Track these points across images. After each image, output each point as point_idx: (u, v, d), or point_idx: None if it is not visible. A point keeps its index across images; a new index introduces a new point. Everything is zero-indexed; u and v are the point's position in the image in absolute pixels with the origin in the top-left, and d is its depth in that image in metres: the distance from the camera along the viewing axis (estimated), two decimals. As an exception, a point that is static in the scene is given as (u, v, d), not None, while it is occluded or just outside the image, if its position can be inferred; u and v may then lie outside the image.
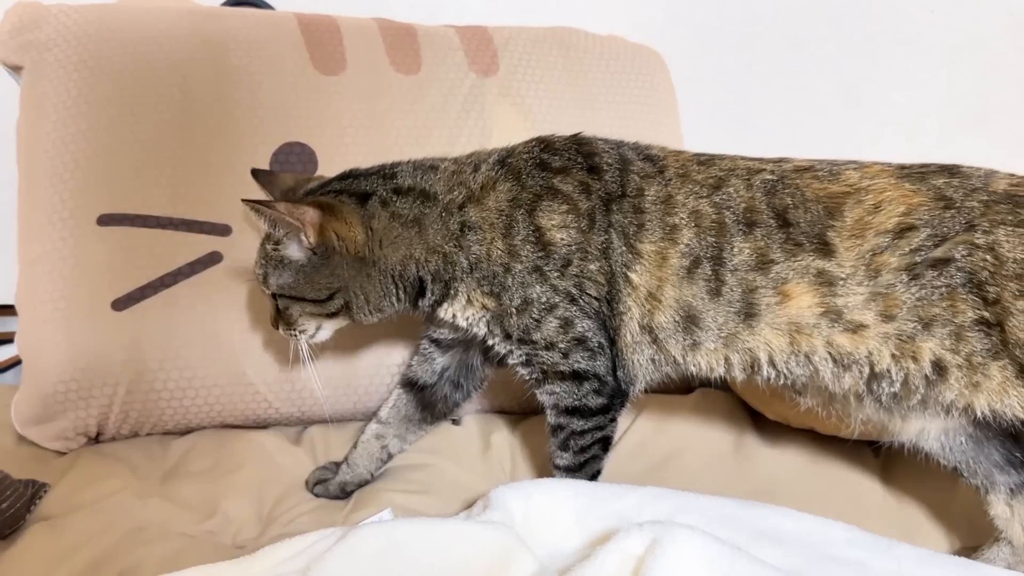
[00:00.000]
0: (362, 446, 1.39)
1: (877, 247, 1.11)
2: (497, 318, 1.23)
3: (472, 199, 1.21)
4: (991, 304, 1.08)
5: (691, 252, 1.16)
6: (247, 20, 1.56)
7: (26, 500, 1.25)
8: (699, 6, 1.89)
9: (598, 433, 1.26)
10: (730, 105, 1.96)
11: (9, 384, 1.78)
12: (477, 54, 1.63)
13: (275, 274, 1.22)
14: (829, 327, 1.13)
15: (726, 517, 1.13)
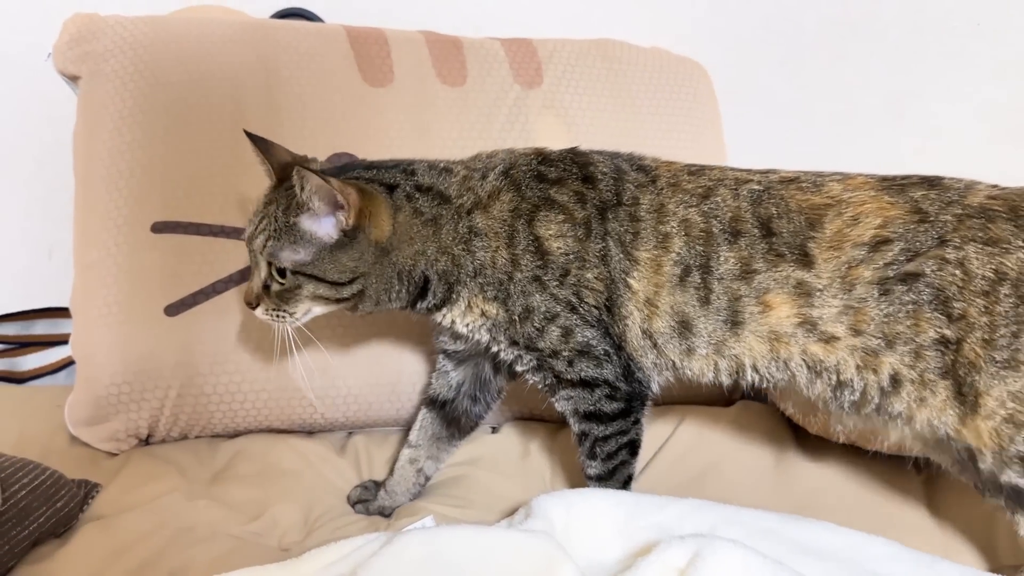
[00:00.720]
0: (398, 472, 1.41)
1: (853, 259, 1.13)
2: (499, 326, 1.24)
3: (479, 206, 1.22)
4: (955, 321, 1.10)
5: (682, 260, 1.18)
6: (298, 32, 1.59)
7: (79, 500, 1.28)
8: (743, 19, 1.89)
9: (622, 438, 1.26)
10: (773, 118, 1.96)
11: (61, 385, 1.83)
12: (522, 66, 1.65)
13: (291, 249, 1.16)
14: (805, 336, 1.16)
15: (767, 531, 1.13)
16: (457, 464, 1.49)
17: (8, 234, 2.02)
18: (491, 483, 1.44)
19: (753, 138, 1.91)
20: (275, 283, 1.19)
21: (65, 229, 1.87)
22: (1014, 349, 1.09)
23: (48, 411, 1.56)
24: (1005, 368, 1.09)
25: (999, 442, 1.11)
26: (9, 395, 1.70)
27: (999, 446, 1.11)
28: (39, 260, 2.03)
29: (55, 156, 1.89)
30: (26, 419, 1.54)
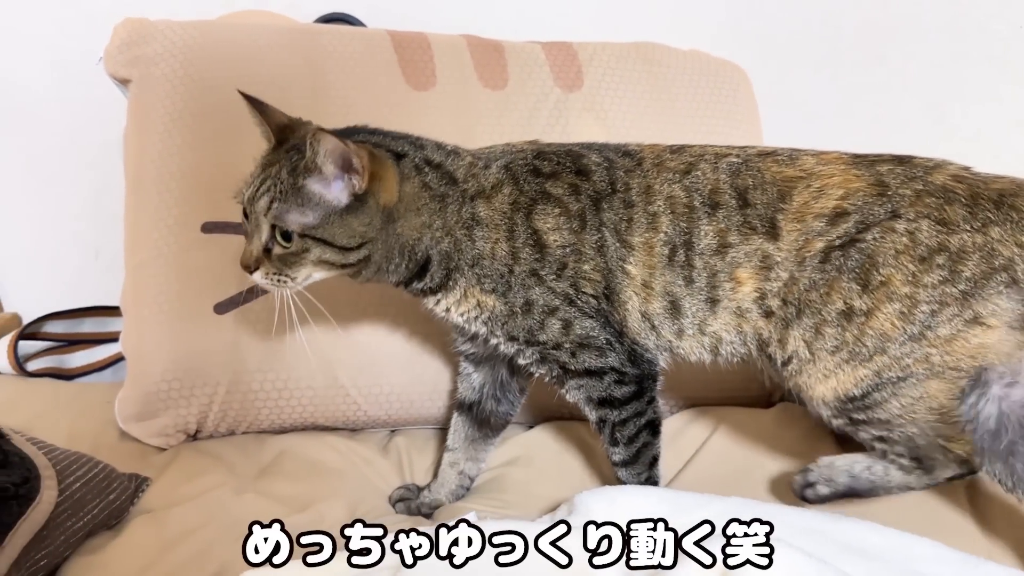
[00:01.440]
0: (442, 476, 1.43)
1: (811, 231, 1.14)
2: (496, 319, 1.24)
3: (482, 195, 1.22)
4: (872, 290, 1.10)
5: (670, 240, 1.20)
6: (342, 37, 1.62)
7: (130, 493, 1.31)
8: (782, 21, 1.89)
9: (640, 419, 1.27)
10: (813, 120, 1.96)
11: (108, 382, 1.87)
12: (562, 70, 1.66)
13: (298, 212, 1.12)
14: (758, 311, 1.18)
15: (810, 530, 1.13)
16: (493, 467, 1.51)
17: (57, 235, 2.08)
18: (528, 482, 1.46)
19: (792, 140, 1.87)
20: (278, 246, 1.15)
21: (112, 230, 1.91)
22: (926, 326, 1.09)
23: (97, 407, 1.59)
24: (912, 340, 1.10)
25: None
26: (59, 391, 1.73)
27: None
28: (87, 260, 2.08)
29: (103, 159, 1.95)
30: (76, 415, 1.57)
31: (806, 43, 1.92)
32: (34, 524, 1.08)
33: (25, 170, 2.03)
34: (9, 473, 1.08)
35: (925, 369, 1.12)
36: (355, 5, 1.89)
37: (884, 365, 1.13)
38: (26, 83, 1.96)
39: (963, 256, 1.08)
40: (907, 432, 1.18)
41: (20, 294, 2.14)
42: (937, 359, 1.11)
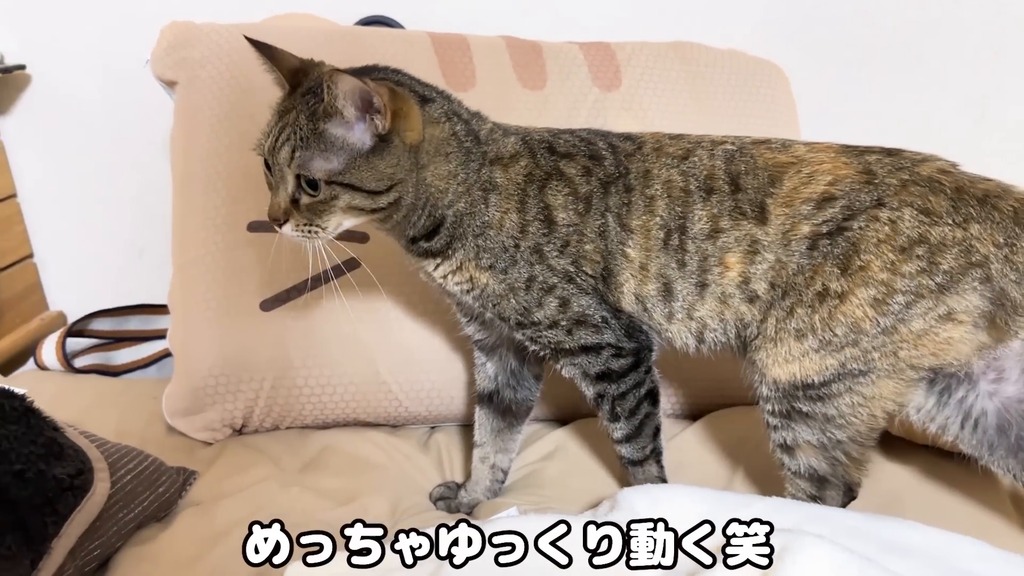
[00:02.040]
0: (474, 473, 1.44)
1: (798, 214, 1.14)
2: (489, 297, 1.23)
3: (500, 161, 1.21)
4: (850, 274, 1.11)
5: (665, 224, 1.20)
6: (384, 39, 1.64)
7: (179, 486, 1.34)
8: (820, 20, 1.88)
9: (640, 390, 1.27)
10: (851, 119, 1.94)
11: (153, 378, 1.91)
12: (600, 69, 1.67)
13: (322, 158, 1.08)
14: (740, 297, 1.19)
15: (853, 529, 1.13)
16: (529, 463, 1.52)
17: (102, 235, 2.12)
18: (565, 477, 1.47)
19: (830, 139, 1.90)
20: (305, 196, 1.10)
21: (155, 230, 1.96)
22: (900, 319, 1.10)
23: (144, 402, 1.63)
24: (884, 333, 1.11)
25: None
26: (106, 387, 1.77)
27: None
28: (131, 260, 2.13)
29: (147, 160, 1.99)
30: (124, 410, 1.60)
31: (844, 42, 1.91)
32: (88, 515, 1.10)
33: (71, 171, 2.08)
34: (65, 465, 1.10)
35: (888, 365, 1.13)
36: (394, 8, 1.91)
37: (851, 356, 1.14)
38: (73, 86, 2.00)
39: (942, 249, 1.09)
40: (836, 438, 1.19)
41: (65, 293, 2.19)
42: (904, 354, 1.12)
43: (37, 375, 1.83)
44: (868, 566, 1.03)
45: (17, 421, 1.09)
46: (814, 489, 1.23)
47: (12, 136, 2.05)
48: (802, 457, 1.21)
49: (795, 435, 1.20)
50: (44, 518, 1.04)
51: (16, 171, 2.07)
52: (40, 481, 1.05)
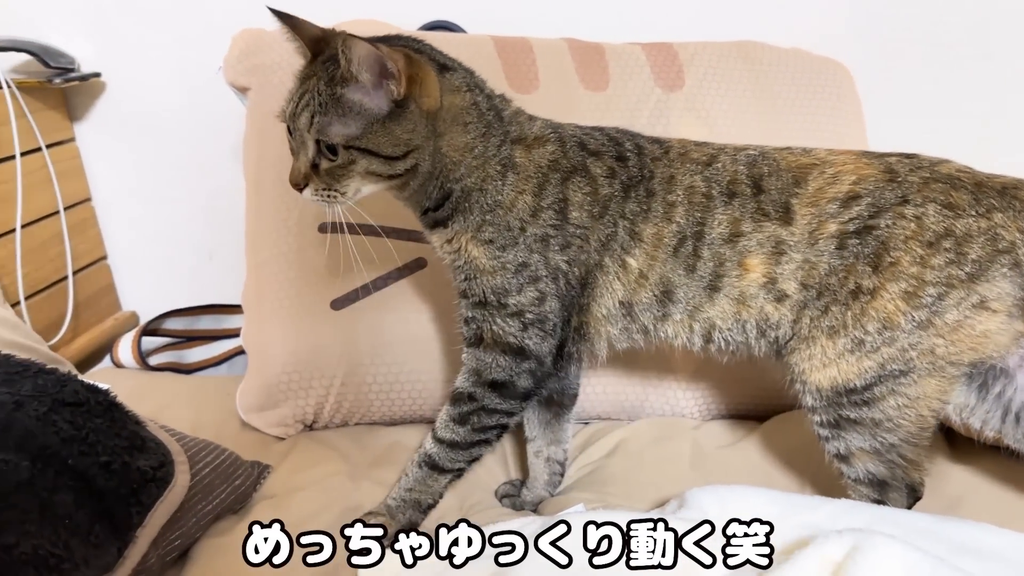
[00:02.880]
0: (532, 470, 1.45)
1: (825, 214, 1.15)
2: (471, 271, 1.20)
3: (523, 142, 1.20)
4: (881, 271, 1.11)
5: (680, 230, 1.20)
6: (448, 44, 1.62)
7: (253, 479, 1.37)
8: (886, 18, 1.86)
9: (505, 418, 1.25)
10: (919, 117, 1.91)
11: (224, 376, 1.96)
12: (663, 70, 1.67)
13: (340, 123, 1.08)
14: (764, 297, 1.18)
15: (923, 531, 1.13)
16: (593, 460, 1.53)
17: (174, 238, 2.17)
18: (628, 473, 1.47)
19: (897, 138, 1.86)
20: (325, 160, 1.11)
21: (224, 233, 2.01)
22: (934, 311, 1.10)
23: (217, 399, 1.67)
24: (920, 328, 1.11)
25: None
26: (180, 384, 1.82)
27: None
28: (201, 262, 2.17)
29: (217, 165, 2.03)
30: (198, 406, 1.65)
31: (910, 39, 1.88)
32: (171, 506, 1.14)
33: (143, 176, 2.12)
34: (147, 457, 1.13)
35: (928, 363, 1.13)
36: (457, 13, 1.92)
37: (890, 356, 1.14)
38: (146, 93, 2.05)
39: (968, 239, 1.10)
40: (888, 442, 1.18)
41: (138, 294, 2.24)
42: (942, 350, 1.13)
43: (114, 372, 1.90)
44: (940, 565, 1.03)
45: (102, 415, 1.13)
46: (876, 494, 1.23)
47: (87, 142, 2.10)
48: (859, 464, 1.21)
49: (847, 443, 1.20)
50: (129, 508, 1.08)
51: (91, 176, 2.12)
52: (125, 472, 1.09)
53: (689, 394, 1.63)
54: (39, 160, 1.90)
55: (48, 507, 0.99)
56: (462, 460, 1.26)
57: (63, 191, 1.96)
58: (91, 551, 1.01)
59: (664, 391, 1.63)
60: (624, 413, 1.65)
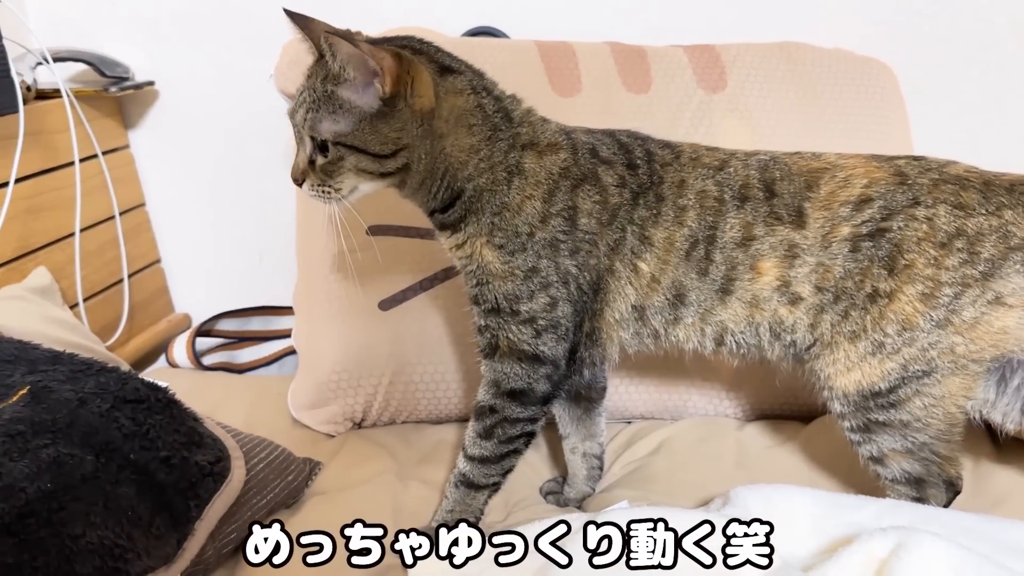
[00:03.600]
0: (570, 468, 1.46)
1: (837, 217, 1.15)
2: (484, 275, 1.19)
3: (534, 146, 1.19)
4: (896, 274, 1.12)
5: (692, 234, 1.19)
6: (492, 49, 1.68)
7: (305, 475, 1.40)
8: (929, 18, 1.85)
9: (529, 425, 1.25)
10: (963, 117, 1.90)
11: (275, 375, 2.00)
12: (705, 72, 1.68)
13: (330, 120, 1.10)
14: (778, 300, 1.18)
15: (968, 530, 1.13)
16: (637, 458, 1.54)
17: (225, 242, 2.22)
18: (672, 472, 1.48)
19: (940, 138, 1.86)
20: (320, 157, 1.13)
21: (274, 237, 2.05)
22: (951, 310, 1.11)
23: (269, 397, 1.72)
24: (938, 327, 1.12)
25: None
26: (233, 384, 1.86)
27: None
28: (251, 265, 2.22)
29: (266, 170, 2.07)
30: (251, 404, 1.69)
31: (955, 38, 1.87)
32: (227, 499, 1.17)
33: (195, 182, 2.18)
34: (205, 453, 1.17)
35: (950, 362, 1.14)
36: (500, 18, 1.94)
37: (911, 357, 1.14)
38: (198, 101, 2.10)
39: (980, 238, 1.12)
40: (919, 441, 1.19)
41: (190, 296, 2.30)
42: (962, 348, 1.13)
43: (169, 372, 1.95)
44: (985, 563, 1.03)
45: (161, 412, 1.16)
46: (915, 492, 1.23)
47: (141, 148, 2.16)
48: (893, 464, 1.22)
49: (879, 446, 1.21)
50: (188, 501, 1.11)
51: (145, 181, 2.18)
52: (184, 467, 1.12)
53: (732, 394, 1.64)
54: (95, 167, 1.96)
55: (111, 499, 1.02)
56: (496, 474, 1.27)
57: (118, 197, 2.02)
58: (152, 542, 1.04)
59: (707, 391, 1.64)
60: (667, 413, 1.66)
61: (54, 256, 1.84)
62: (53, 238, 1.85)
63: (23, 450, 1.01)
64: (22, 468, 0.98)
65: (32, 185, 1.78)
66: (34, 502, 0.95)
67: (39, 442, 1.03)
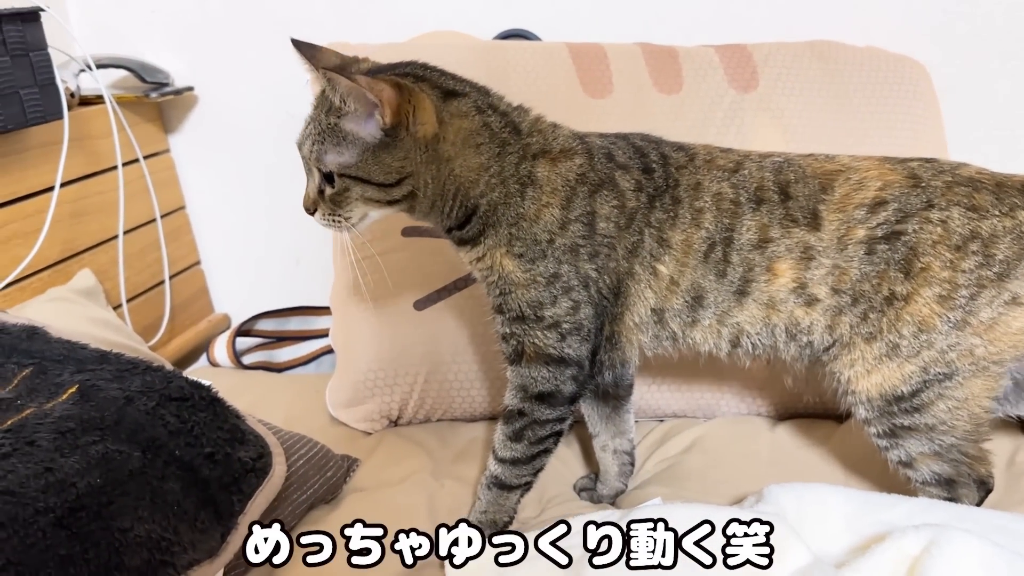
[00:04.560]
0: (602, 465, 1.47)
1: (853, 219, 1.16)
2: (507, 285, 1.20)
3: (547, 155, 1.20)
4: (912, 276, 1.13)
5: (710, 236, 1.20)
6: (525, 51, 1.70)
7: (343, 472, 1.44)
8: (961, 15, 1.84)
9: (558, 425, 1.26)
10: (997, 114, 1.88)
11: (312, 374, 2.04)
12: (737, 71, 1.69)
13: (335, 152, 1.11)
14: (794, 301, 1.19)
15: (1000, 528, 1.13)
16: (670, 456, 1.56)
17: (264, 244, 2.27)
18: (705, 471, 1.49)
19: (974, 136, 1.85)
20: (328, 187, 1.15)
21: (310, 240, 2.08)
22: (967, 311, 1.12)
23: (307, 396, 1.75)
24: (956, 328, 1.13)
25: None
26: (272, 382, 1.91)
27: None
28: (288, 267, 2.26)
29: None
30: (290, 402, 1.73)
31: (988, 36, 1.85)
32: (269, 495, 1.20)
33: (234, 185, 2.23)
34: (247, 449, 1.20)
35: (970, 364, 1.15)
36: (532, 21, 1.96)
37: (930, 360, 1.15)
38: (237, 105, 2.15)
39: (995, 240, 1.13)
40: (946, 443, 1.19)
41: (230, 297, 2.36)
42: (981, 351, 1.14)
43: (211, 371, 1.99)
44: (1017, 559, 1.04)
45: (205, 409, 1.19)
46: (947, 493, 1.23)
47: (181, 153, 2.21)
48: (923, 467, 1.23)
49: (906, 450, 1.22)
50: (231, 496, 1.14)
51: (185, 185, 2.24)
52: (227, 463, 1.15)
53: (765, 393, 1.65)
54: (137, 171, 2.01)
55: (158, 494, 1.05)
56: (527, 474, 1.28)
57: (159, 200, 2.07)
58: (197, 536, 1.07)
59: (739, 391, 1.65)
60: (700, 411, 1.67)
61: (98, 258, 1.90)
62: (97, 241, 1.91)
63: (73, 446, 1.04)
64: (72, 464, 1.02)
65: (76, 189, 1.84)
66: (84, 496, 0.98)
67: (88, 439, 1.06)
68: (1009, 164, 1.25)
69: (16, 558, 0.89)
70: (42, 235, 1.68)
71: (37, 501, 0.95)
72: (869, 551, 1.10)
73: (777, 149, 1.32)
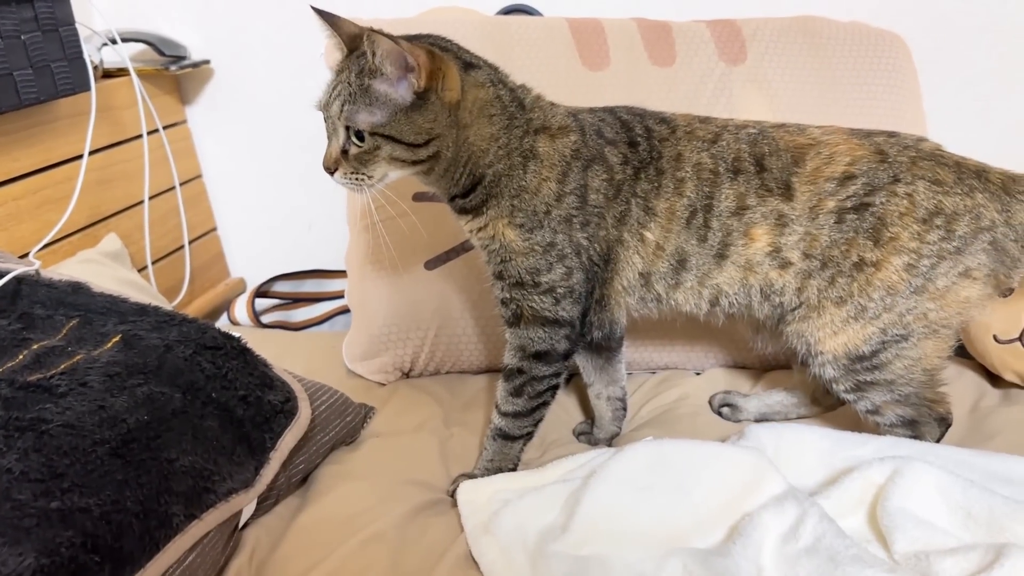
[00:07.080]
0: (597, 412, 1.56)
1: (823, 191, 1.26)
2: (507, 253, 1.28)
3: (546, 131, 1.28)
4: (882, 245, 1.25)
5: (691, 204, 1.30)
6: (526, 26, 1.78)
7: (361, 418, 1.53)
8: (942, -9, 1.92)
9: (554, 380, 1.36)
10: (973, 86, 1.97)
11: (327, 332, 2.15)
12: (726, 45, 1.76)
13: (367, 111, 1.16)
14: (769, 264, 1.29)
15: (960, 462, 1.24)
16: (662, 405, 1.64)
17: (277, 211, 2.36)
18: (694, 417, 1.59)
19: (952, 107, 1.93)
20: (353, 146, 1.19)
21: (322, 206, 2.17)
22: (927, 279, 1.24)
23: (324, 352, 1.86)
24: (915, 293, 1.25)
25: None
26: (290, 340, 2.02)
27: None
28: (301, 232, 2.35)
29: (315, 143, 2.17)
30: (308, 358, 1.82)
31: (966, 10, 1.92)
32: (297, 434, 1.30)
33: (249, 154, 2.31)
34: (276, 393, 1.31)
35: (923, 327, 1.27)
36: (533, -5, 2.04)
37: (889, 322, 1.27)
38: (251, 77, 2.23)
39: (956, 217, 1.24)
40: (906, 392, 1.32)
41: (245, 262, 2.46)
42: (934, 315, 1.26)
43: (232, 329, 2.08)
44: (970, 486, 1.14)
45: (237, 357, 1.30)
46: (911, 432, 1.36)
47: (198, 123, 2.29)
48: (888, 413, 1.35)
49: (871, 401, 1.34)
50: (263, 434, 1.25)
51: (201, 154, 2.32)
52: (259, 405, 1.26)
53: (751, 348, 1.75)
54: (156, 140, 2.10)
55: (199, 431, 1.16)
56: (528, 425, 1.38)
57: (178, 169, 2.16)
58: (234, 468, 1.19)
59: (727, 345, 1.75)
60: (691, 364, 1.78)
61: (123, 224, 1.99)
62: (121, 206, 1.99)
63: (121, 388, 1.15)
64: (122, 402, 1.13)
65: (102, 158, 1.93)
66: (135, 430, 1.10)
67: (134, 382, 1.17)
68: (984, 133, 1.35)
69: (80, 481, 1.00)
70: (72, 201, 1.76)
71: (94, 433, 1.06)
72: (839, 481, 1.21)
73: (763, 119, 1.40)
